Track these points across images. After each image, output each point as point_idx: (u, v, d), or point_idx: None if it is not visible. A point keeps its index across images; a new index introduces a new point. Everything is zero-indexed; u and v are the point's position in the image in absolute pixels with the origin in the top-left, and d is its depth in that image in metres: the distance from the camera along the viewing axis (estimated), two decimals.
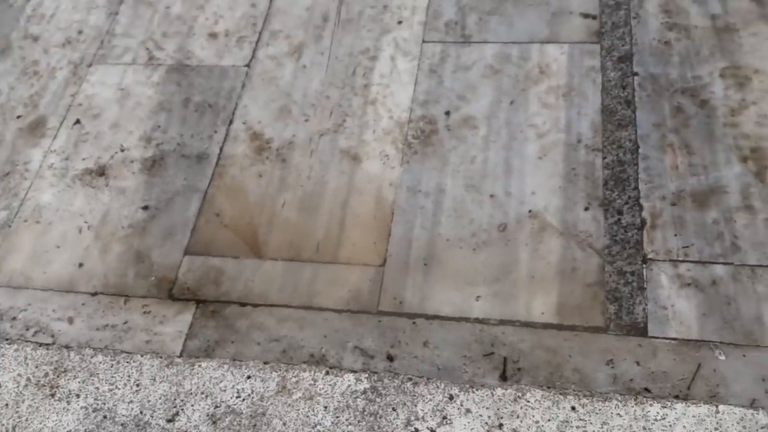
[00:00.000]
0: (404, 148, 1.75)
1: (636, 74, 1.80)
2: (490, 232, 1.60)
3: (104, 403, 1.44)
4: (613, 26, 1.90)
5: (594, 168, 1.66)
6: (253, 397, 1.41)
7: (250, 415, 1.39)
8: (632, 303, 1.46)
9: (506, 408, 1.35)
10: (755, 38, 1.81)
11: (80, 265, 1.68)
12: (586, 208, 1.60)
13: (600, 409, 1.33)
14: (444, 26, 1.97)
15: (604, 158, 1.67)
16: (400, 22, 1.99)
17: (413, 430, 1.34)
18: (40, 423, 1.44)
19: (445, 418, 1.35)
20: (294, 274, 1.59)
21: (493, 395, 1.36)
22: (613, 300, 1.47)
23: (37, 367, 1.51)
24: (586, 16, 1.94)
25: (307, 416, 1.37)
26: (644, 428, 1.30)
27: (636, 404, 1.33)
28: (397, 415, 1.36)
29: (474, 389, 1.38)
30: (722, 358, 1.37)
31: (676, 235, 1.53)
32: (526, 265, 1.54)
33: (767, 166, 1.60)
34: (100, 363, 1.50)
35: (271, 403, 1.40)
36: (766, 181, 1.58)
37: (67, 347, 1.54)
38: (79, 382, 1.48)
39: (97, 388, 1.46)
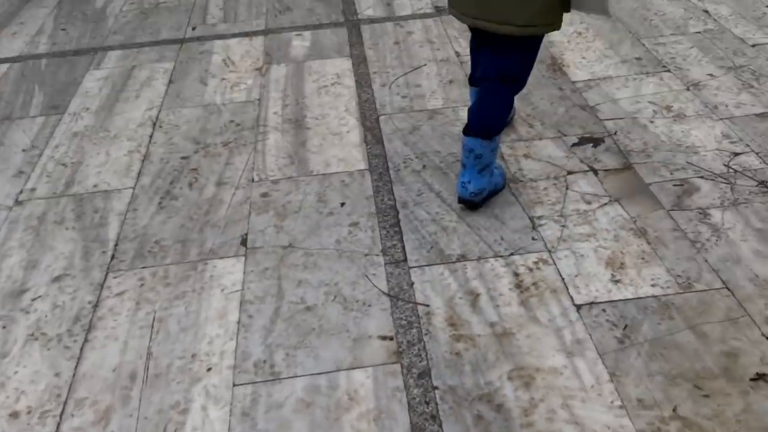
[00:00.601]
0: None
1: (436, 388, 1.93)
2: None
3: None
4: (408, 344, 2.08)
5: None
6: None
7: None
8: None
9: None
10: (530, 339, 2.06)
11: None
12: None
13: None
14: (253, 367, 2.04)
15: None
16: (209, 369, 2.04)
17: None
18: None
19: None
20: None
21: None
22: None
23: None
24: (383, 338, 2.11)
25: None
26: None
27: None
28: None
29: None
30: None
31: None
32: None
33: None
34: None
35: None
36: None
37: None
38: None
39: None
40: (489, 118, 2.48)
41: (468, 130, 2.47)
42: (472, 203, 2.55)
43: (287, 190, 2.80)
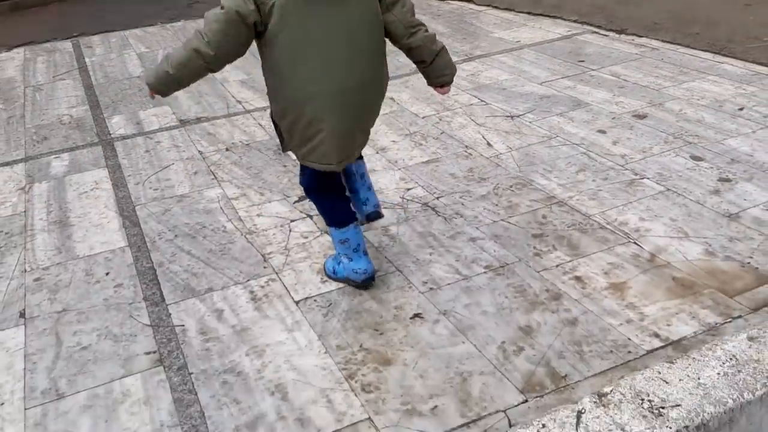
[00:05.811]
0: None
1: (191, 373, 2.54)
2: None
3: None
4: (168, 353, 2.66)
5: None
6: None
7: None
8: None
9: None
10: (262, 329, 2.74)
11: None
12: None
13: None
14: (41, 395, 2.50)
15: None
16: (2, 404, 2.46)
17: None
18: None
19: None
20: None
21: None
22: None
23: None
24: (148, 353, 2.68)
25: None
26: None
27: None
28: None
29: None
30: None
31: None
32: None
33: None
34: None
35: None
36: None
37: None
38: None
39: None
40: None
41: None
42: (378, 213, 3.13)
43: (57, 273, 3.29)
